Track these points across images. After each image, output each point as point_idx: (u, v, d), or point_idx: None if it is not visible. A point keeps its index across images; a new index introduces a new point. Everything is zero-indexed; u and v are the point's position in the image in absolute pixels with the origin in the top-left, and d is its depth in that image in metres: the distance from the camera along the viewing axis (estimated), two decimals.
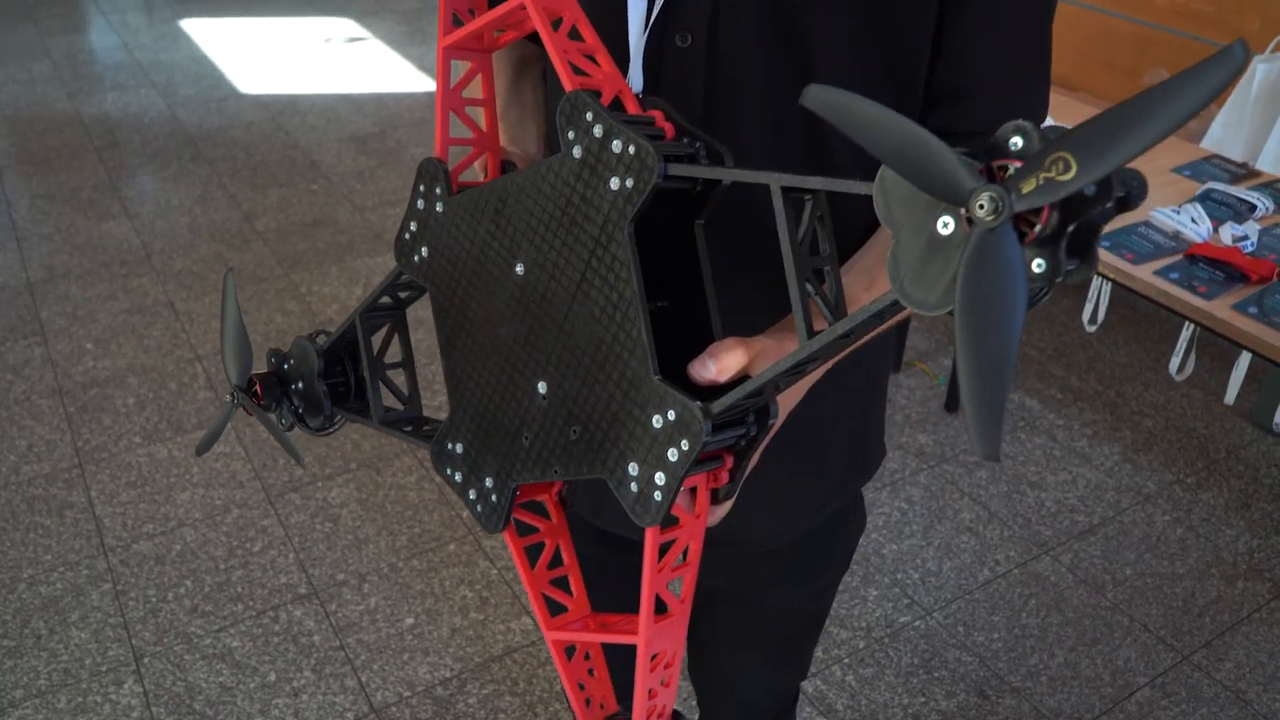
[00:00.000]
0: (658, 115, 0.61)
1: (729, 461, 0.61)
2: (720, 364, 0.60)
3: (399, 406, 0.84)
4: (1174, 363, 2.54)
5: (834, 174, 0.86)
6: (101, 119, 4.50)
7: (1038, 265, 0.40)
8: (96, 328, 3.08)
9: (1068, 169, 0.38)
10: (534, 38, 1.02)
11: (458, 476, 0.73)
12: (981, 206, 0.39)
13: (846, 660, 2.10)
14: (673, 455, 0.58)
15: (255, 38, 5.53)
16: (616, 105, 0.63)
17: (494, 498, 0.71)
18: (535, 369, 0.65)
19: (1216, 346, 2.96)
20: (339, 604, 2.19)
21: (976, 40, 0.83)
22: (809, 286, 0.54)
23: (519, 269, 0.64)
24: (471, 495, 0.72)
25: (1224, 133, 2.93)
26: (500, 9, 0.64)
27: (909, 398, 2.80)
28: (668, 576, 0.64)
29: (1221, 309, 1.73)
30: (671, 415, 0.58)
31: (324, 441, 2.64)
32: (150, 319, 3.13)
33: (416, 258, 0.70)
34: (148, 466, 2.56)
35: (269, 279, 3.34)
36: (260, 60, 5.21)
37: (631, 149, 0.57)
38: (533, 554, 0.76)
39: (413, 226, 0.70)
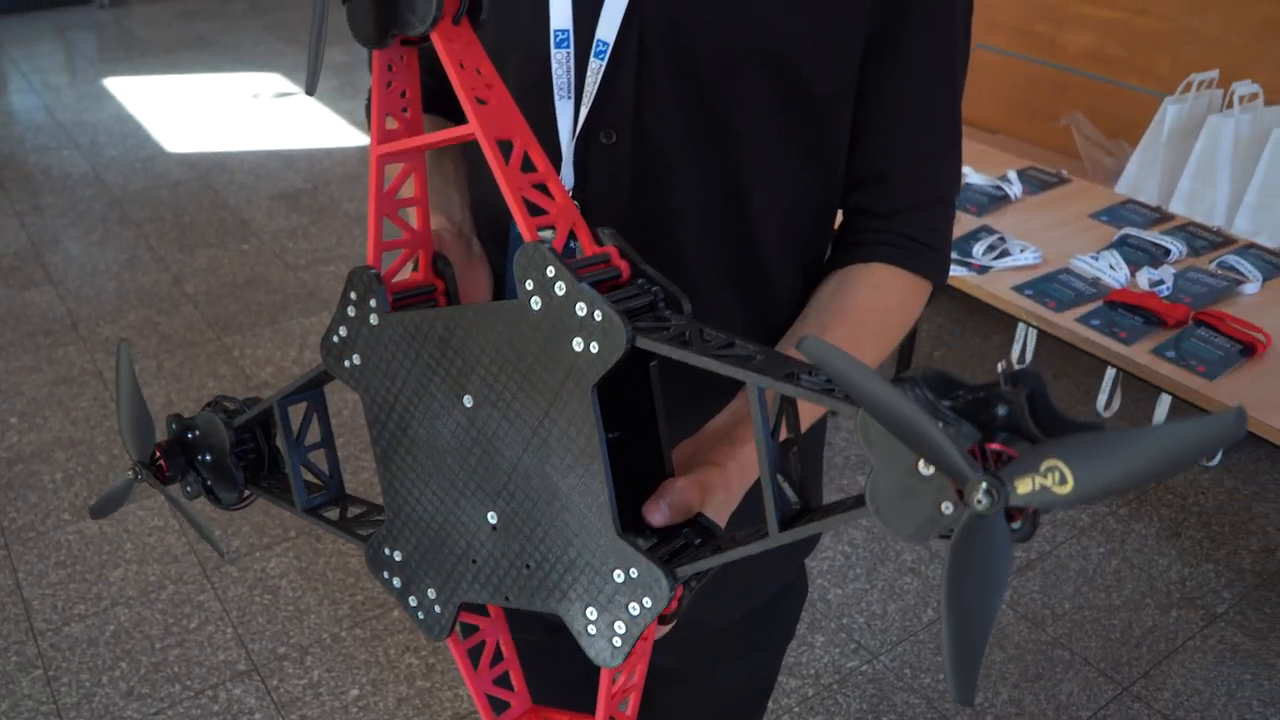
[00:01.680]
0: (613, 252, 0.60)
1: (679, 591, 0.62)
2: (674, 508, 0.61)
3: (318, 483, 0.81)
4: (1101, 399, 2.60)
5: (756, 254, 0.89)
6: (23, 182, 4.43)
7: (1015, 526, 0.42)
8: (21, 401, 3.01)
9: (1064, 483, 0.39)
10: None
11: (396, 582, 0.71)
12: (980, 502, 0.41)
13: (796, 709, 2.11)
14: (634, 609, 0.58)
15: (181, 95, 5.48)
16: (570, 241, 0.62)
17: (437, 609, 0.70)
18: (485, 500, 0.64)
19: (1135, 378, 3.03)
20: (280, 679, 2.15)
21: (892, 128, 0.86)
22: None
23: (467, 401, 0.62)
24: (412, 603, 0.71)
25: (1139, 174, 3.02)
26: (448, 134, 0.62)
27: (847, 440, 2.83)
28: (619, 699, 0.64)
29: (1141, 354, 1.78)
30: (634, 573, 0.58)
31: (261, 509, 2.60)
32: (77, 390, 3.07)
33: (347, 363, 0.67)
34: (78, 544, 2.50)
35: (200, 343, 3.30)
36: (187, 118, 5.16)
37: (598, 315, 0.55)
38: (474, 654, 0.75)
39: (343, 331, 0.67)
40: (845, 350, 0.84)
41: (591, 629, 0.60)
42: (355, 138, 4.97)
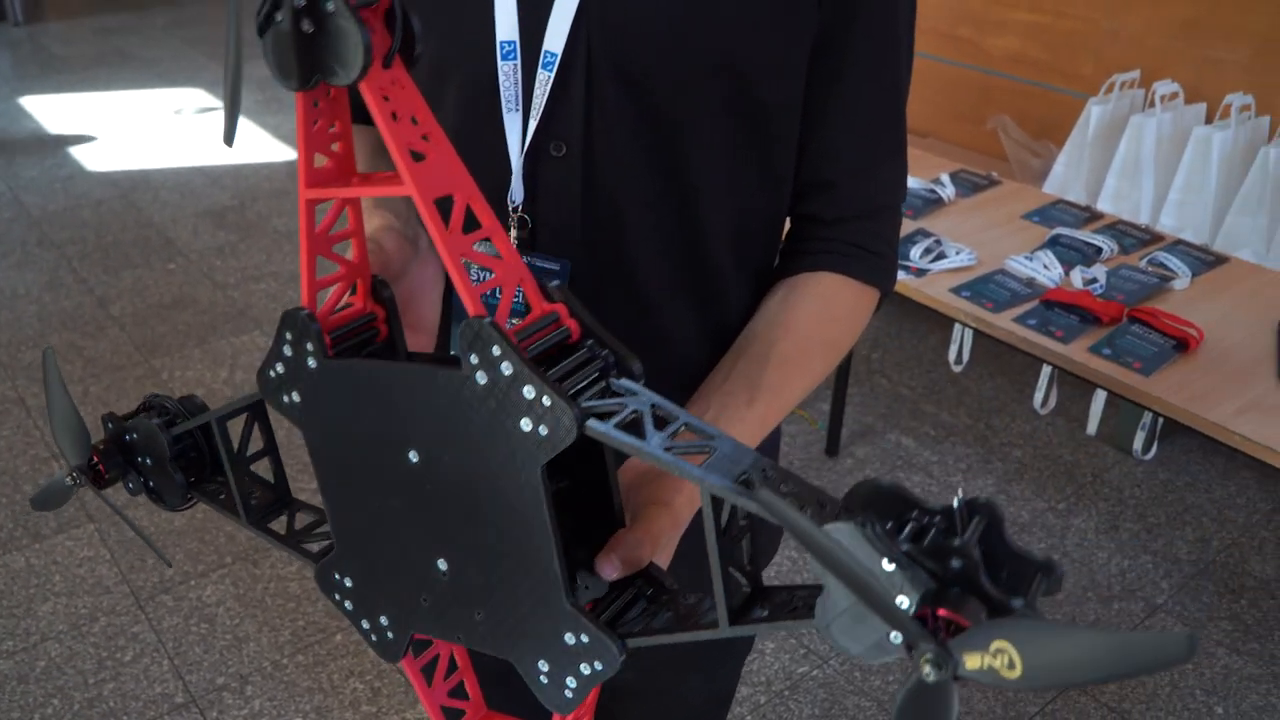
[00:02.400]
0: (561, 311, 0.58)
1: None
2: (626, 563, 0.60)
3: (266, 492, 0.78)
4: (1038, 397, 2.64)
5: (708, 265, 0.88)
6: None
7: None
8: None
9: (1012, 668, 0.40)
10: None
11: (348, 605, 0.69)
12: (927, 675, 0.41)
13: (749, 718, 2.10)
14: (584, 670, 0.58)
15: (101, 112, 5.35)
16: (518, 299, 0.59)
17: (390, 635, 0.68)
18: (434, 548, 0.62)
19: (1070, 375, 3.08)
20: (220, 710, 2.10)
21: (838, 136, 0.86)
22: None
23: (413, 456, 0.59)
24: (364, 625, 0.69)
25: (1065, 173, 3.07)
26: (381, 189, 0.58)
27: (790, 444, 2.83)
28: None
29: (1078, 352, 1.81)
30: (584, 639, 0.57)
31: (196, 536, 2.54)
32: None
33: (285, 399, 0.64)
34: (3, 578, 2.42)
35: (127, 366, 3.21)
36: (108, 135, 5.04)
37: (546, 400, 0.53)
38: (428, 670, 0.73)
39: (279, 369, 0.63)
40: (793, 361, 0.83)
41: (543, 679, 0.60)
42: (283, 152, 4.89)
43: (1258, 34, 2.83)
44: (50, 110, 5.37)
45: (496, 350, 0.53)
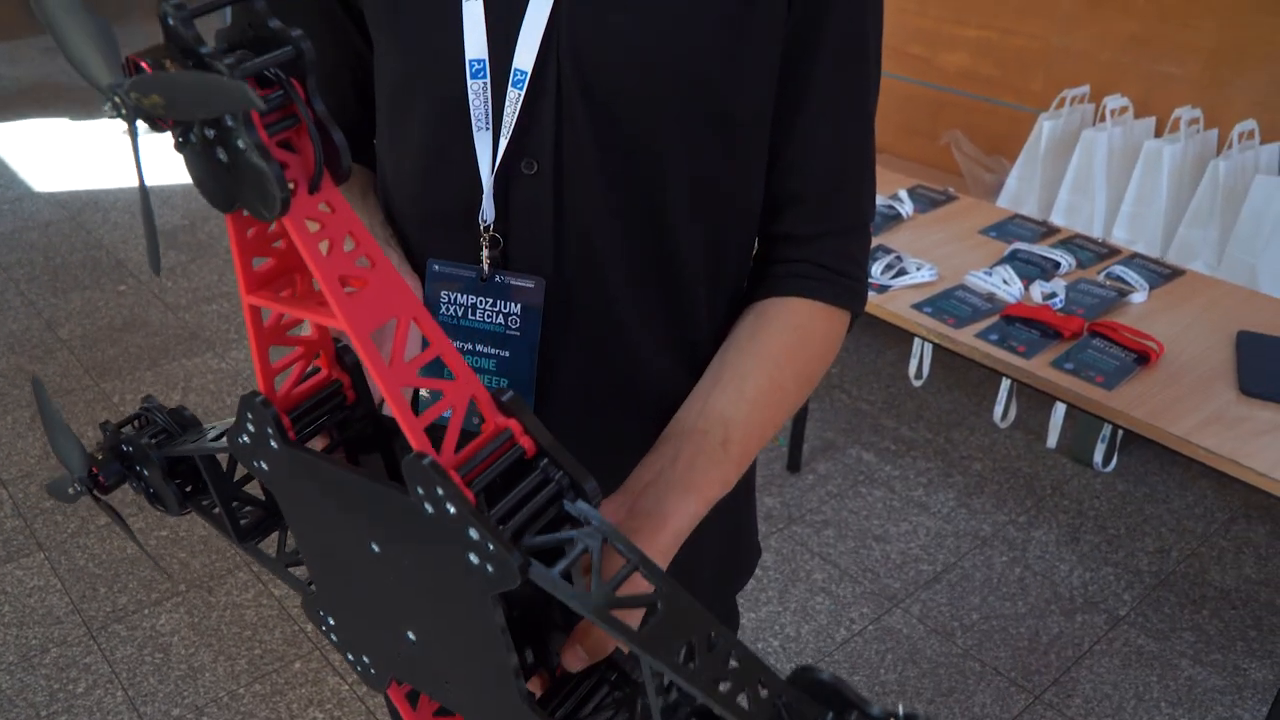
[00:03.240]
0: (515, 428, 0.55)
1: None
2: (592, 653, 0.59)
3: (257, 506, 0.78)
4: (997, 411, 2.65)
5: (680, 284, 0.87)
6: None
7: None
8: None
9: None
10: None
11: (334, 637, 0.68)
12: None
13: None
14: None
15: (48, 133, 5.26)
16: (471, 412, 0.56)
17: (373, 671, 0.67)
18: (402, 620, 0.60)
19: (1028, 387, 3.11)
20: None
21: (806, 150, 0.86)
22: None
23: (374, 547, 0.57)
24: (350, 658, 0.68)
25: (1019, 187, 3.10)
26: (316, 317, 0.53)
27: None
28: None
29: (1041, 366, 1.81)
30: None
31: (149, 565, 2.48)
32: None
33: (255, 463, 0.61)
34: None
35: (77, 390, 3.15)
36: (55, 156, 4.95)
37: (490, 546, 0.50)
38: (412, 696, 0.72)
39: (245, 439, 0.60)
40: (766, 395, 0.82)
41: None
42: None
43: (1205, 49, 2.88)
44: None
45: (440, 490, 0.50)
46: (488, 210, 0.83)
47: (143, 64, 0.45)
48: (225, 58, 0.45)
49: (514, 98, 0.79)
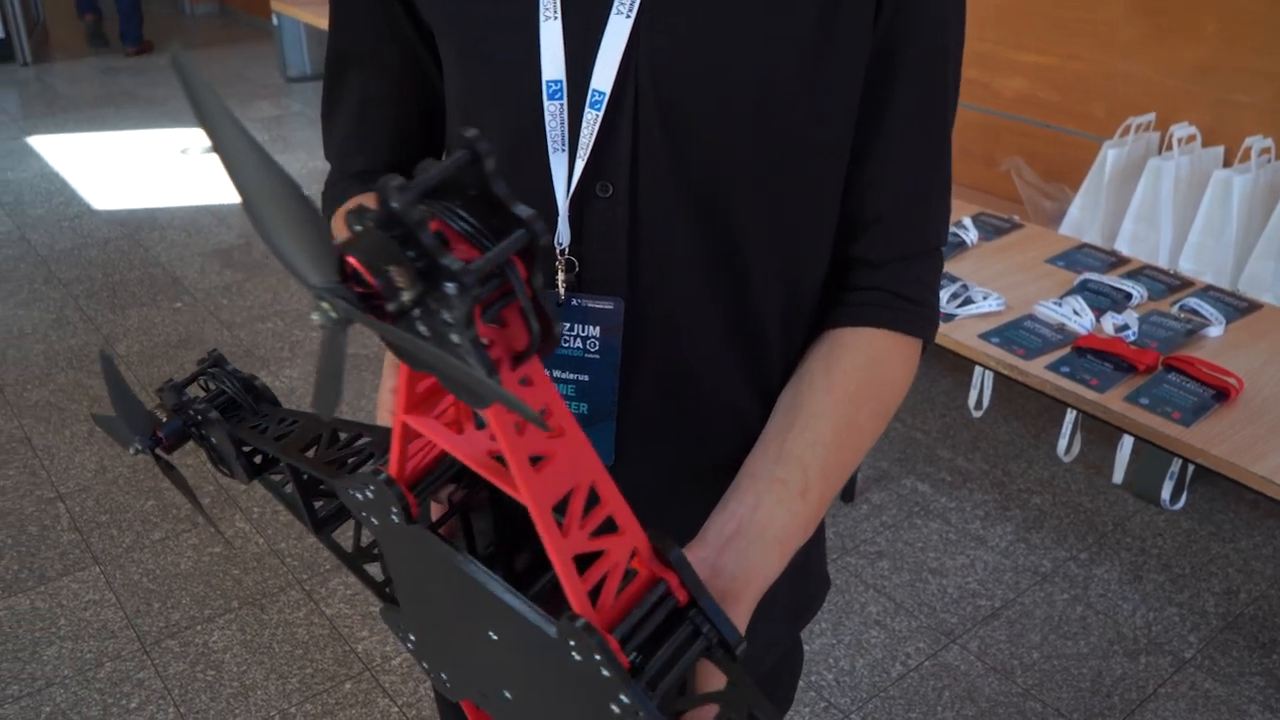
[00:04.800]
0: (672, 581, 0.54)
1: None
2: None
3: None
4: (1061, 444, 2.60)
5: (752, 307, 0.85)
6: None
7: None
8: None
9: None
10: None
11: (411, 646, 0.67)
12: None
13: None
14: None
15: (108, 152, 5.35)
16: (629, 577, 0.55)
17: (448, 685, 0.66)
18: (502, 683, 0.59)
19: (1092, 421, 3.05)
20: None
21: (888, 171, 0.84)
22: None
23: (492, 635, 0.56)
24: (425, 666, 0.67)
25: (1081, 216, 3.05)
26: (499, 482, 0.51)
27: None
28: None
29: (1115, 401, 1.77)
30: None
31: (202, 580, 2.49)
32: (4, 457, 2.93)
33: (364, 514, 0.59)
34: (8, 621, 2.37)
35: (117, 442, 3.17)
36: (114, 175, 5.03)
37: (641, 714, 0.49)
38: None
39: (360, 498, 0.58)
40: (843, 436, 0.80)
41: None
42: None
43: (1276, 75, 2.82)
44: (57, 149, 5.38)
45: (598, 657, 0.49)
46: (563, 233, 0.81)
47: (359, 267, 0.41)
48: (451, 255, 0.40)
49: (591, 119, 0.78)
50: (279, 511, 2.72)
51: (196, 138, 5.58)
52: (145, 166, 5.15)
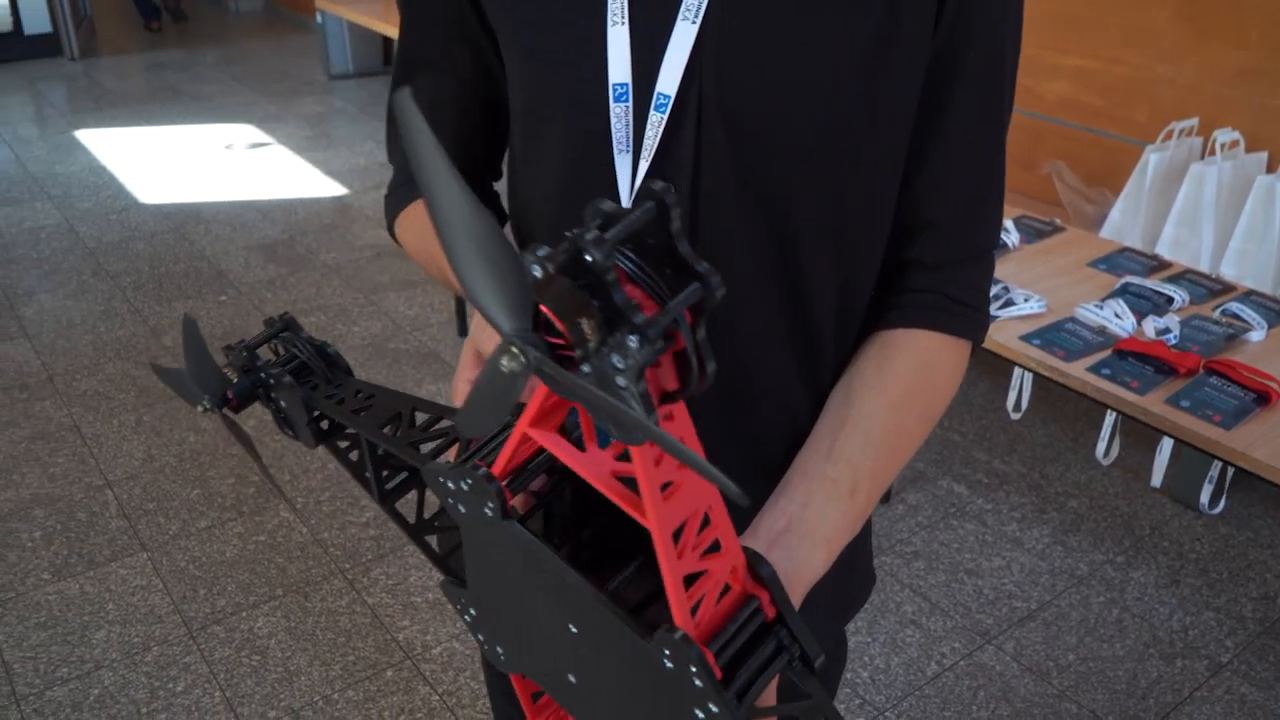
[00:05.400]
0: (763, 598, 0.56)
1: None
2: None
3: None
4: (1100, 448, 2.60)
5: (806, 309, 0.87)
6: None
7: None
8: None
9: None
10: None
11: (469, 619, 0.69)
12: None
13: None
14: None
15: (154, 146, 5.44)
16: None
17: (503, 658, 0.68)
18: (569, 666, 0.61)
19: (1131, 425, 3.04)
20: None
21: (945, 174, 0.85)
22: None
23: (572, 629, 0.59)
24: (481, 639, 0.69)
25: (1122, 219, 3.05)
26: (625, 506, 0.52)
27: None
28: None
29: (1155, 403, 1.78)
30: None
31: (247, 568, 2.54)
32: (55, 445, 3.00)
33: (450, 500, 0.61)
34: (59, 605, 2.42)
35: (179, 397, 3.23)
36: (161, 169, 5.11)
37: None
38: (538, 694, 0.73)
39: (451, 486, 0.60)
40: (892, 438, 0.82)
41: None
42: (330, 188, 4.94)
43: None
44: (104, 144, 5.47)
45: (693, 669, 0.51)
46: None
47: (552, 317, 0.42)
48: (638, 309, 0.41)
49: (656, 121, 0.80)
50: (321, 502, 2.77)
51: (241, 134, 5.66)
52: (191, 161, 5.23)
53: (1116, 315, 1.96)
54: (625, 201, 0.82)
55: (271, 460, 2.93)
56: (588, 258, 0.40)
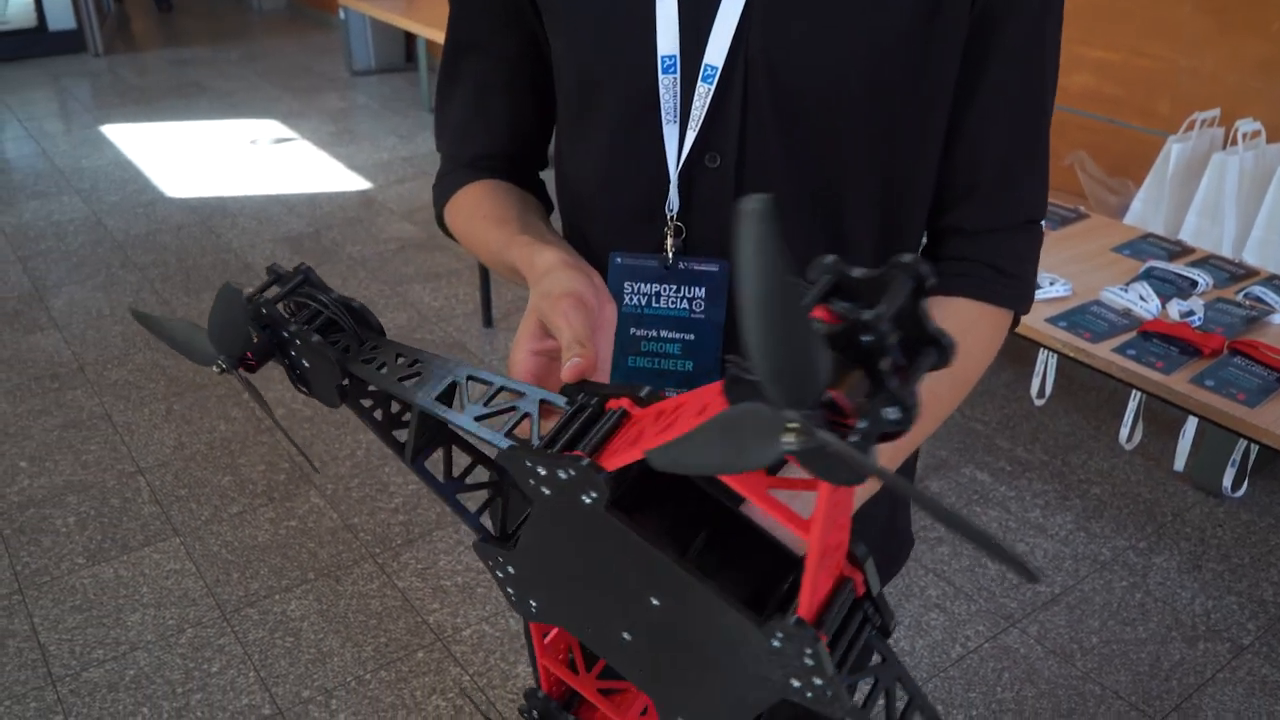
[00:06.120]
0: (857, 580, 0.59)
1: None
2: None
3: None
4: (1124, 433, 2.61)
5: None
6: (23, 228, 4.41)
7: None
8: (30, 445, 2.98)
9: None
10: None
11: (500, 575, 0.69)
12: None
13: None
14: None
15: (180, 141, 5.49)
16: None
17: (534, 609, 0.69)
18: (626, 625, 0.63)
19: (1153, 412, 3.05)
20: None
21: (983, 142, 0.87)
22: None
23: (654, 601, 0.60)
24: (510, 591, 0.69)
25: (1144, 209, 3.06)
26: (787, 525, 0.55)
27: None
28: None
29: (1180, 383, 1.80)
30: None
31: (279, 552, 2.58)
32: (87, 433, 3.04)
33: (533, 480, 0.61)
34: (93, 588, 2.47)
35: (209, 385, 3.28)
36: (186, 163, 5.17)
37: (828, 691, 0.54)
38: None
39: (542, 471, 0.60)
40: (926, 406, 0.85)
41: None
42: (354, 182, 4.98)
43: None
44: (130, 138, 5.52)
45: (808, 651, 0.54)
46: (674, 201, 0.86)
47: (841, 401, 0.42)
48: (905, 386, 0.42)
49: (703, 92, 0.82)
50: (351, 489, 2.81)
51: (265, 129, 5.71)
52: (216, 156, 5.28)
53: (1141, 298, 1.98)
54: (673, 170, 0.85)
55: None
56: (886, 342, 0.41)
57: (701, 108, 0.83)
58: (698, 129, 0.83)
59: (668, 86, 0.83)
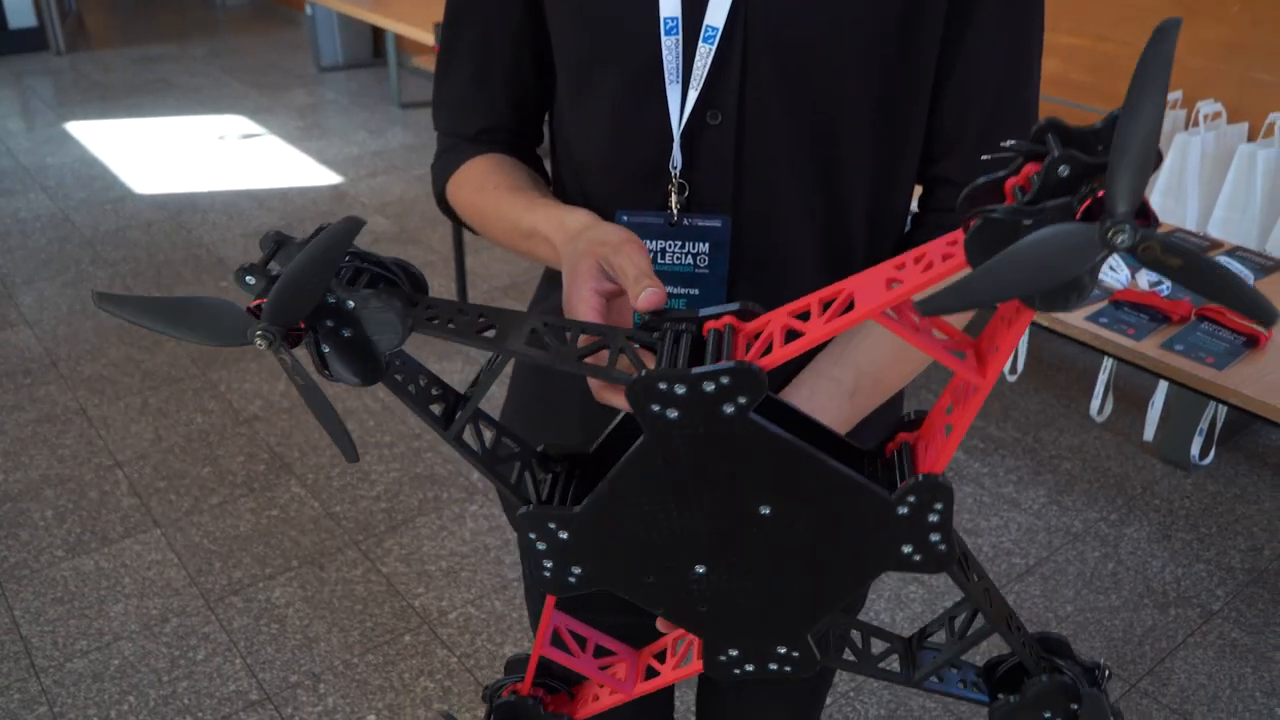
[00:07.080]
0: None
1: None
2: None
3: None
4: (1094, 404, 2.66)
5: (845, 232, 0.92)
6: None
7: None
8: (4, 440, 2.97)
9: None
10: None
11: (540, 546, 0.68)
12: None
13: None
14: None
15: (146, 138, 5.45)
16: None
17: (572, 581, 0.69)
18: (704, 558, 0.66)
19: (1122, 389, 3.11)
20: (294, 708, 2.13)
21: (968, 89, 0.90)
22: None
23: (764, 510, 0.63)
24: (546, 564, 0.68)
25: None
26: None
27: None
28: None
29: (1151, 348, 1.85)
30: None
31: (261, 541, 2.58)
32: (61, 428, 3.03)
33: (656, 407, 0.60)
34: (74, 580, 2.46)
35: (184, 379, 3.27)
36: (154, 160, 5.13)
37: (942, 548, 0.63)
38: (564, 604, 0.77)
39: (681, 389, 0.59)
40: (902, 349, 0.88)
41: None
42: (325, 176, 4.97)
43: None
44: (96, 135, 5.48)
45: (938, 506, 0.62)
46: (677, 159, 0.88)
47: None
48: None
49: (704, 53, 0.85)
50: (332, 478, 2.82)
51: (232, 125, 5.68)
52: (183, 152, 5.25)
53: (1111, 269, 2.03)
54: (676, 130, 0.87)
55: (279, 439, 2.97)
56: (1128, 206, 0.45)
57: (703, 68, 0.85)
58: (699, 88, 0.86)
59: (670, 48, 0.86)
